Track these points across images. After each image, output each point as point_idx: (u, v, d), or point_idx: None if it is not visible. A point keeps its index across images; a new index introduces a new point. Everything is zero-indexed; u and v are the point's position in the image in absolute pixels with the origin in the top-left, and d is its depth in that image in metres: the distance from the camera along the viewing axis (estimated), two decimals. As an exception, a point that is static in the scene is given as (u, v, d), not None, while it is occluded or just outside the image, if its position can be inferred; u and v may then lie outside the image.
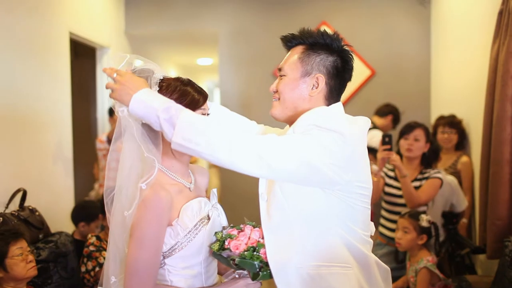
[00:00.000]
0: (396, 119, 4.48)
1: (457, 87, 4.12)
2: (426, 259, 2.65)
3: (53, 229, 2.97)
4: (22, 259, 2.16)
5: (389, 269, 1.63)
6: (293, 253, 1.50)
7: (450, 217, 3.35)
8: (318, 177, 1.42)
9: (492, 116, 2.79)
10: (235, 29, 5.29)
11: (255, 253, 1.48)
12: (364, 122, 1.59)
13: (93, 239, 2.94)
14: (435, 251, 2.83)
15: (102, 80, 4.80)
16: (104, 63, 4.81)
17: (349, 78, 1.62)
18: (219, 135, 1.37)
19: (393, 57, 5.10)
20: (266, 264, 1.48)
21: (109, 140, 4.23)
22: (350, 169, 1.46)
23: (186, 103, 1.51)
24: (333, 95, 1.60)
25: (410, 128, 3.17)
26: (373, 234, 1.63)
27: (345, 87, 1.63)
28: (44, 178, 3.39)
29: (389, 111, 4.47)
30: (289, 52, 1.64)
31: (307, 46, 1.59)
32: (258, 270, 1.47)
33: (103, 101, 4.92)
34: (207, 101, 1.59)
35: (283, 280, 1.49)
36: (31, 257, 2.21)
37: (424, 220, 2.73)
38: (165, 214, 1.46)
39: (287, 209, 1.51)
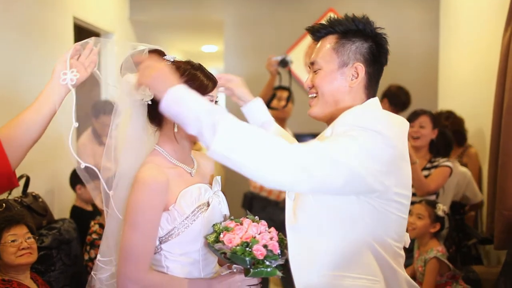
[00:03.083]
0: (395, 102, 3.85)
1: (466, 76, 4.06)
2: (436, 249, 2.63)
3: (56, 216, 2.96)
4: (13, 246, 2.09)
5: None
6: (317, 258, 1.40)
7: (458, 207, 3.32)
8: (357, 183, 1.30)
9: (502, 106, 2.74)
10: (240, 16, 5.22)
11: (247, 249, 1.40)
12: (402, 123, 1.49)
13: (96, 227, 2.92)
14: (447, 246, 2.77)
15: (106, 67, 4.73)
16: (108, 50, 4.76)
17: (385, 61, 1.52)
18: (265, 145, 1.23)
19: (401, 45, 5.00)
20: (259, 262, 1.40)
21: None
22: (393, 173, 1.35)
23: (194, 87, 1.46)
24: (372, 83, 1.50)
25: (415, 115, 3.14)
26: (407, 246, 1.52)
27: (382, 73, 1.53)
28: (47, 165, 3.37)
29: (382, 96, 3.87)
30: (319, 43, 1.52)
31: (340, 34, 1.48)
32: (249, 266, 1.40)
33: (107, 87, 4.86)
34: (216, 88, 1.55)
35: (302, 286, 1.41)
36: (25, 244, 2.12)
37: (440, 209, 2.71)
38: (160, 197, 1.43)
39: (316, 211, 1.41)
